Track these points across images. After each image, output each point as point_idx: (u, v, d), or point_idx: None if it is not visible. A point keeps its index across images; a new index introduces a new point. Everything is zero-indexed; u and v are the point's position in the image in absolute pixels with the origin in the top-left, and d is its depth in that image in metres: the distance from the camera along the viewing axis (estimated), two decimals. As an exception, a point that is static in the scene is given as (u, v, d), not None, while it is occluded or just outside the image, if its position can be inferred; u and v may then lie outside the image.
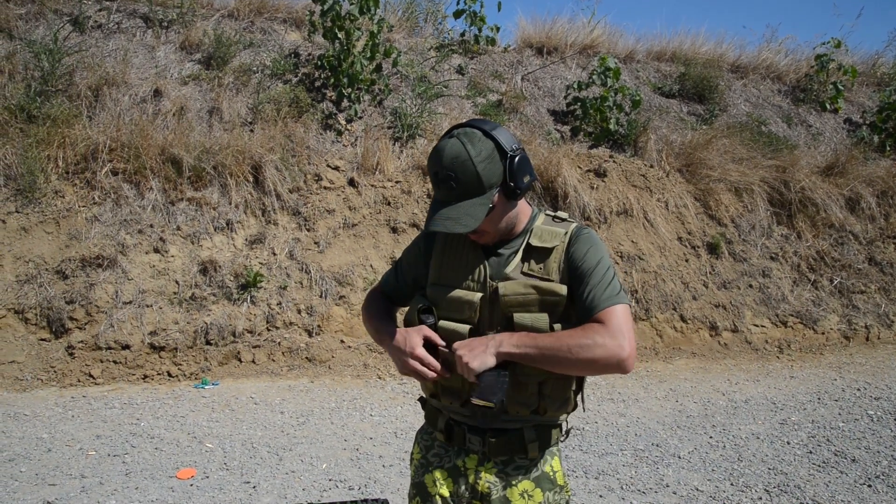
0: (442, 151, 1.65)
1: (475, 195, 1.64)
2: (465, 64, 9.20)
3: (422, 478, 1.86)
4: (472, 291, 1.75)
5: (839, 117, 10.66)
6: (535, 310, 1.70)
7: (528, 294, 1.70)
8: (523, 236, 1.78)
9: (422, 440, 1.92)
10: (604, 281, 1.67)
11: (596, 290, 1.66)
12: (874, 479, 4.32)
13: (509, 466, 1.79)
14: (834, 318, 7.93)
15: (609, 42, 10.33)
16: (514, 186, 1.67)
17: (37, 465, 4.18)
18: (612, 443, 4.84)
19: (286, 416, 5.13)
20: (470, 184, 1.63)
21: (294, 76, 8.17)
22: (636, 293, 7.39)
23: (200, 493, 3.89)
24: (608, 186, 8.01)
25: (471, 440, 1.79)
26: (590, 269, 1.68)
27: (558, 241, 1.73)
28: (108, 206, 6.49)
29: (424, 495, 1.84)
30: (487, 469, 1.79)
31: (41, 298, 5.90)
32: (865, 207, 8.89)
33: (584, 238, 1.73)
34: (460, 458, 1.82)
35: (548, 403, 1.75)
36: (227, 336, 6.12)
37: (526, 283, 1.71)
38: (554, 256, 1.73)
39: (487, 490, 1.77)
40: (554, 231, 1.76)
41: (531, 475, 1.79)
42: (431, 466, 1.84)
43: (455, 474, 1.81)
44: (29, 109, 6.69)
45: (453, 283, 1.78)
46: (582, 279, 1.68)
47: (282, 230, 6.85)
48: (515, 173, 1.67)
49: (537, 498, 1.78)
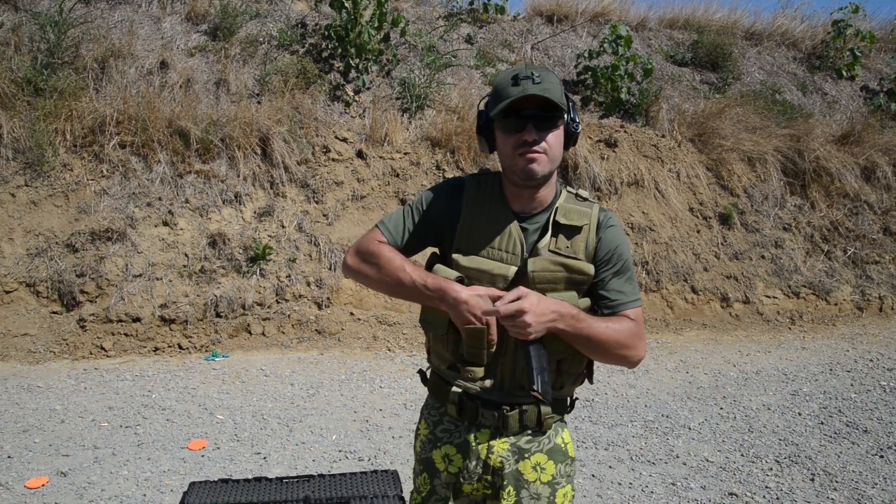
0: (522, 65, 1.65)
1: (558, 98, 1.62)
2: (473, 33, 9.07)
3: (429, 453, 1.81)
4: (506, 264, 1.69)
5: (856, 84, 10.44)
6: (562, 288, 1.68)
7: (557, 272, 1.68)
8: (549, 211, 1.73)
9: (429, 415, 1.86)
10: (632, 279, 1.74)
11: (626, 288, 1.72)
12: (886, 449, 4.30)
13: (522, 440, 1.77)
14: (847, 288, 7.85)
15: (621, 9, 10.13)
16: (574, 127, 1.71)
17: (50, 436, 4.23)
18: (622, 414, 4.84)
19: (296, 388, 5.15)
20: (555, 88, 1.61)
21: (301, 47, 8.08)
22: (647, 264, 7.34)
23: (211, 463, 3.93)
24: (619, 157, 7.92)
25: (484, 415, 1.74)
26: (621, 263, 1.72)
27: (586, 221, 1.71)
28: (117, 179, 6.48)
29: (432, 471, 1.81)
30: (500, 443, 1.75)
31: (52, 272, 5.92)
32: (881, 177, 8.75)
33: (615, 227, 1.74)
34: (471, 432, 1.77)
35: (565, 379, 1.74)
36: (236, 309, 6.13)
37: (554, 260, 1.68)
38: (581, 236, 1.70)
39: (500, 464, 1.75)
40: (581, 210, 1.73)
41: (544, 448, 1.78)
42: (440, 442, 1.80)
43: (465, 449, 1.77)
44: (36, 82, 6.66)
45: (486, 253, 1.71)
46: (612, 270, 1.72)
47: (290, 202, 6.83)
48: (574, 116, 1.71)
49: (550, 470, 1.77)
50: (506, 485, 1.75)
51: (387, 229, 1.79)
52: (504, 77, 1.63)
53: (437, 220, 1.78)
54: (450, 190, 1.79)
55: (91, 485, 3.66)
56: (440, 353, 1.79)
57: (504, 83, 1.62)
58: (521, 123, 1.61)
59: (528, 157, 1.62)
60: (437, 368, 1.84)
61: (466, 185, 1.78)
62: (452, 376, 1.77)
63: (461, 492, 1.80)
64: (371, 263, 1.74)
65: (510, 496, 1.75)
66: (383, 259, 1.72)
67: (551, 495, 1.77)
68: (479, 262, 1.69)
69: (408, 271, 1.69)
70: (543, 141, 1.62)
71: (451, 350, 1.74)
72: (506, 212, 1.72)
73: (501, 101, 1.60)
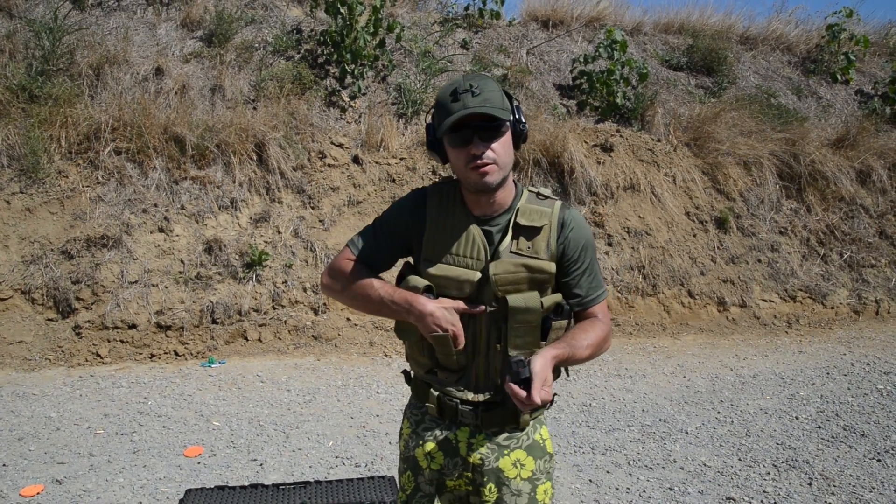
0: (460, 78, 1.68)
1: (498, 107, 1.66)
2: (469, 38, 9.09)
3: (413, 451, 1.86)
4: (472, 270, 1.74)
5: (850, 88, 10.49)
6: (525, 288, 1.73)
7: (519, 273, 1.72)
8: (510, 213, 1.78)
9: (411, 415, 1.91)
10: (596, 274, 1.81)
11: (592, 283, 1.81)
12: (883, 453, 4.30)
13: (501, 437, 1.81)
14: (843, 292, 7.87)
15: (616, 14, 10.17)
16: (521, 128, 1.73)
17: (45, 444, 4.21)
18: (619, 419, 4.83)
19: (293, 394, 5.14)
20: (495, 96, 1.65)
21: (297, 52, 8.09)
22: (643, 269, 7.34)
23: (208, 470, 3.91)
24: (615, 161, 7.93)
25: (463, 413, 1.79)
26: (585, 260, 1.79)
27: (546, 221, 1.76)
28: (112, 185, 6.47)
29: (416, 469, 1.85)
30: (479, 440, 1.80)
31: (47, 279, 5.91)
32: (876, 180, 8.77)
33: (578, 225, 1.78)
34: (452, 430, 1.82)
35: None
36: (233, 315, 6.12)
37: (516, 262, 1.73)
38: (542, 236, 1.75)
39: (480, 461, 1.79)
40: (541, 210, 1.77)
41: (523, 445, 1.82)
42: (422, 440, 1.84)
43: (446, 447, 1.82)
44: (30, 89, 6.65)
45: (450, 261, 1.76)
46: (581, 269, 1.79)
47: (286, 208, 6.82)
48: (520, 117, 1.73)
49: (529, 466, 1.82)
50: (486, 481, 1.79)
51: (356, 247, 1.86)
52: (444, 92, 1.67)
53: (404, 232, 1.84)
54: (413, 202, 1.84)
55: (86, 492, 3.64)
56: (417, 359, 1.86)
57: (445, 99, 1.67)
58: (467, 136, 1.65)
59: (479, 172, 1.67)
60: (417, 373, 1.90)
61: (429, 196, 1.83)
62: (432, 380, 1.84)
63: (445, 487, 1.85)
64: (343, 282, 1.83)
65: (491, 493, 1.79)
66: (353, 277, 1.81)
67: (532, 491, 1.81)
68: (445, 270, 1.74)
69: (376, 288, 1.77)
70: (491, 151, 1.66)
71: (428, 356, 1.80)
72: (468, 218, 1.77)
73: (445, 117, 1.65)
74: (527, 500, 1.80)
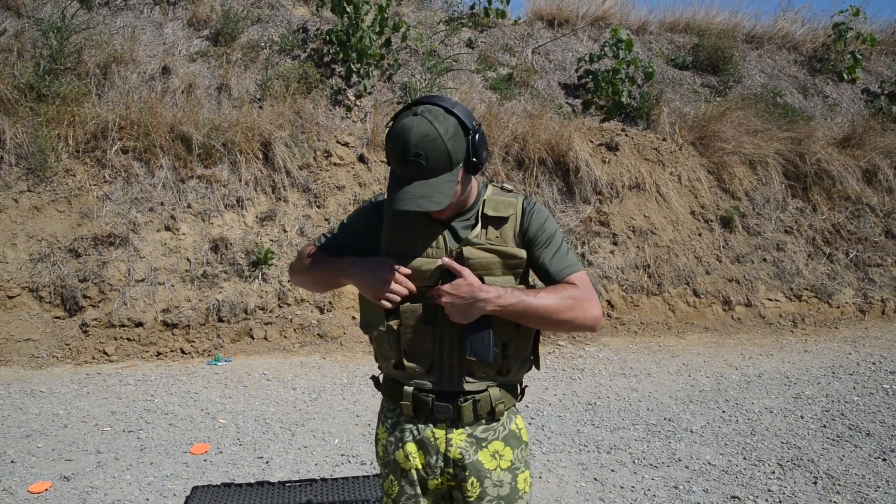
0: (409, 130, 1.61)
1: (444, 172, 1.64)
2: (474, 37, 9.09)
3: (392, 455, 1.85)
4: (432, 258, 1.77)
5: (857, 87, 10.45)
6: (499, 273, 1.77)
7: (491, 258, 1.76)
8: (476, 207, 1.81)
9: (386, 419, 1.90)
10: (562, 249, 1.82)
11: (559, 257, 1.81)
12: (889, 452, 4.29)
13: (478, 429, 1.82)
14: (849, 291, 7.85)
15: (621, 13, 10.16)
16: (476, 162, 1.70)
17: (53, 441, 4.24)
18: (623, 417, 4.83)
19: (298, 392, 5.16)
20: (440, 161, 1.62)
21: (303, 52, 8.10)
22: (649, 268, 7.34)
23: (214, 468, 3.93)
24: (620, 160, 7.93)
25: (438, 409, 1.79)
26: (549, 238, 1.80)
27: (512, 212, 1.80)
28: (119, 184, 6.50)
29: (398, 472, 1.84)
30: (457, 435, 1.81)
31: (54, 277, 5.94)
32: (883, 179, 8.75)
33: (539, 210, 1.82)
34: (428, 428, 1.82)
35: (511, 363, 1.81)
36: (239, 313, 6.14)
37: (487, 247, 1.77)
38: (509, 225, 1.79)
39: (460, 456, 1.80)
40: (507, 201, 1.81)
41: (500, 435, 1.84)
42: (401, 443, 1.84)
43: (425, 446, 1.82)
44: (38, 88, 6.68)
45: (411, 253, 1.77)
46: (543, 247, 1.80)
47: (292, 207, 6.84)
48: (478, 149, 1.70)
49: (508, 456, 1.84)
50: (468, 476, 1.80)
51: (322, 240, 1.95)
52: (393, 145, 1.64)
53: (366, 230, 1.88)
54: (376, 202, 1.90)
55: (94, 489, 3.66)
56: (385, 354, 1.86)
57: (393, 153, 1.65)
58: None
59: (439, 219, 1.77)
60: (386, 371, 1.91)
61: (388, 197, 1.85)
62: (402, 376, 1.84)
63: (427, 489, 1.85)
64: (302, 263, 1.92)
65: (474, 487, 1.80)
66: (308, 258, 1.90)
67: (513, 481, 1.83)
68: (405, 261, 1.77)
69: (326, 259, 1.86)
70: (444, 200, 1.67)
71: (394, 347, 1.81)
72: (426, 214, 1.78)
73: (392, 169, 1.69)
74: (508, 490, 1.82)
